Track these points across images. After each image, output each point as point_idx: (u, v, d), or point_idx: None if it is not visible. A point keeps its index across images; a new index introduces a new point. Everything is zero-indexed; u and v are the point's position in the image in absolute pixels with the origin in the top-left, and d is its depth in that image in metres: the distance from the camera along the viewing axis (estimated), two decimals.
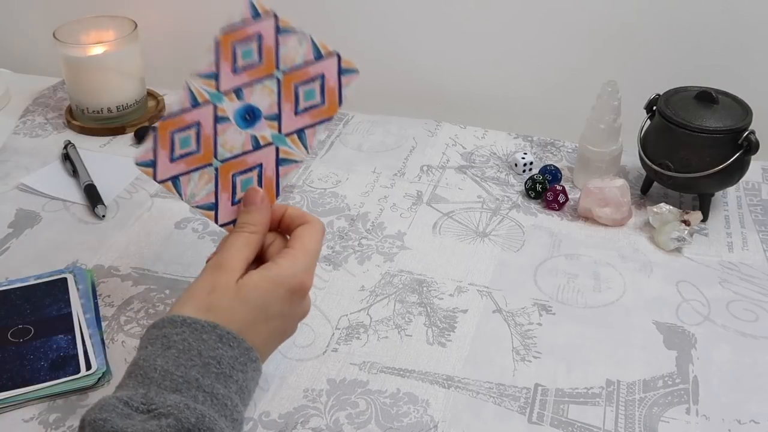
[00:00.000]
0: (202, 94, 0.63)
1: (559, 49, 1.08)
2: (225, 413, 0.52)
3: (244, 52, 0.64)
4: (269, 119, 0.63)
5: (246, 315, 0.57)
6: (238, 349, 0.55)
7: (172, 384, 0.52)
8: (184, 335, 0.54)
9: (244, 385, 0.55)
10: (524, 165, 0.95)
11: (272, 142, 0.63)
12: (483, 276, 0.79)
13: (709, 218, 0.88)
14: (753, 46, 1.01)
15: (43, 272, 0.78)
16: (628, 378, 0.68)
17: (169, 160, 0.62)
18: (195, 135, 0.63)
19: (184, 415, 0.49)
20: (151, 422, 0.48)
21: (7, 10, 1.30)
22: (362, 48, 1.16)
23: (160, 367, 0.52)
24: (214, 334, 0.54)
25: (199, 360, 0.53)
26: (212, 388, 0.52)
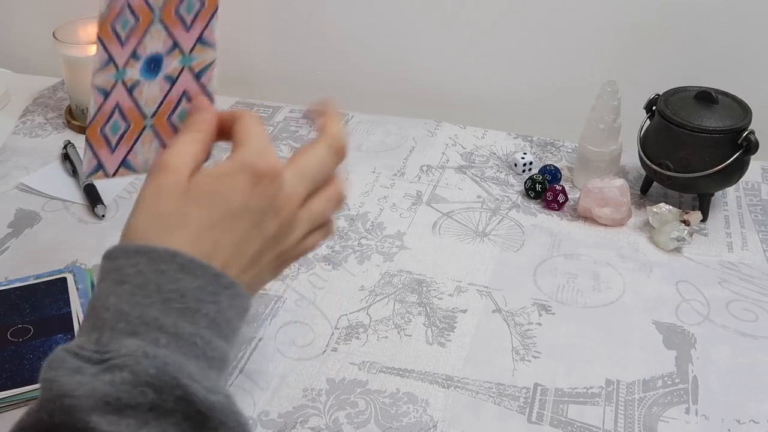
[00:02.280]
0: (108, 81, 0.62)
1: (559, 50, 1.08)
2: (195, 353, 0.44)
3: (122, 23, 0.63)
4: (170, 53, 0.61)
5: (203, 216, 0.48)
6: (204, 277, 0.46)
7: (128, 326, 0.44)
8: (138, 267, 0.45)
9: (217, 317, 0.46)
10: (524, 165, 0.95)
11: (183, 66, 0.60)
12: (483, 276, 0.79)
13: (709, 218, 0.88)
14: (753, 46, 1.01)
15: (42, 272, 0.78)
16: (627, 378, 0.68)
17: (110, 152, 0.60)
18: (120, 116, 0.61)
19: (142, 366, 0.41)
20: (103, 376, 0.41)
21: (7, 10, 1.30)
22: (362, 48, 1.16)
23: (112, 306, 0.45)
24: (173, 264, 0.46)
25: (158, 296, 0.45)
26: (175, 328, 0.44)
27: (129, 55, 0.62)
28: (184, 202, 0.48)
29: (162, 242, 0.47)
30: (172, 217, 0.48)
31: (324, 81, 1.21)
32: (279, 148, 1.02)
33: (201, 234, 0.48)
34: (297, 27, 1.17)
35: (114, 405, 0.41)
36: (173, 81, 0.60)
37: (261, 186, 0.49)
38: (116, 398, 0.41)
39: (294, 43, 1.19)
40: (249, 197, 0.49)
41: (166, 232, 0.47)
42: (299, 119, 1.08)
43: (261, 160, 0.50)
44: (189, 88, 0.59)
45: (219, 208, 0.48)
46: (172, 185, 0.49)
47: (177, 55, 0.61)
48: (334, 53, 1.18)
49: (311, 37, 1.18)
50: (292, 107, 1.11)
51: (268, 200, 0.50)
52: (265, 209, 0.50)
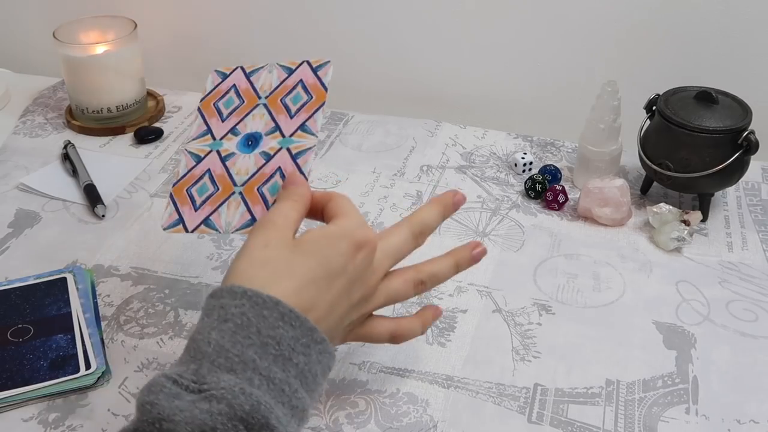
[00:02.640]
0: (202, 149, 0.66)
1: (559, 49, 1.08)
2: (282, 399, 0.47)
3: (225, 102, 0.68)
4: (270, 134, 0.65)
5: (306, 270, 0.52)
6: (300, 329, 0.50)
7: (227, 362, 0.47)
8: (242, 308, 0.49)
9: (305, 369, 0.49)
10: (524, 165, 0.95)
11: (281, 147, 0.64)
12: (483, 276, 0.79)
13: (709, 218, 0.88)
14: (753, 46, 1.01)
15: (42, 272, 0.78)
16: (627, 378, 0.68)
17: (193, 210, 0.64)
18: (209, 180, 0.64)
19: (239, 401, 0.44)
20: (201, 405, 0.44)
21: (7, 10, 1.30)
22: (362, 48, 1.16)
23: (214, 341, 0.48)
24: (275, 311, 0.49)
25: (258, 339, 0.48)
26: (269, 371, 0.47)
27: (228, 130, 0.66)
28: (291, 255, 0.53)
29: (267, 289, 0.50)
30: (278, 267, 0.52)
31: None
32: None
33: (303, 287, 0.52)
34: (297, 27, 1.17)
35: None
36: (269, 157, 0.63)
37: (359, 254, 0.54)
38: (212, 428, 0.43)
39: (294, 42, 1.19)
40: (348, 262, 0.53)
41: (271, 280, 0.51)
42: None
43: (361, 231, 0.55)
44: (284, 166, 0.62)
45: (322, 266, 0.53)
46: (280, 239, 0.53)
47: (277, 136, 0.64)
48: (334, 53, 1.17)
49: (311, 37, 1.18)
50: None
51: (362, 269, 0.55)
52: (358, 276, 0.55)
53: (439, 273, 0.61)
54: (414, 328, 0.62)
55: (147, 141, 1.03)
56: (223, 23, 1.20)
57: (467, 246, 0.62)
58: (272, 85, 0.67)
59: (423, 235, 0.60)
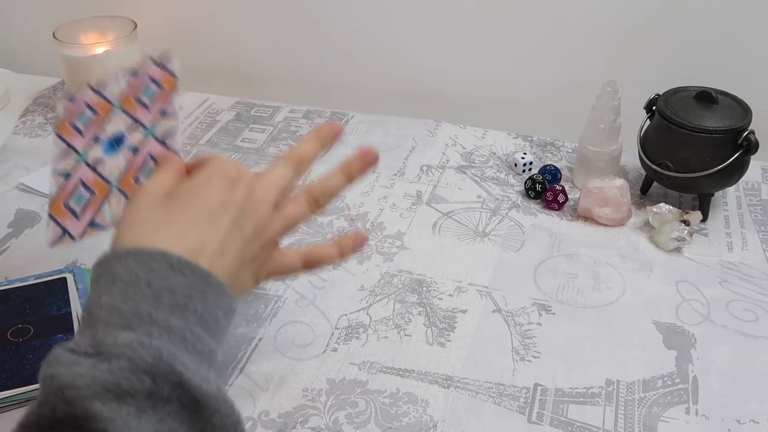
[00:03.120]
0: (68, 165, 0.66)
1: (558, 49, 1.08)
2: (186, 346, 0.46)
3: (80, 119, 0.68)
4: (133, 129, 0.65)
5: (185, 214, 0.51)
6: (192, 276, 0.48)
7: (121, 320, 0.46)
8: (129, 266, 0.47)
9: (205, 314, 0.48)
10: (524, 165, 0.95)
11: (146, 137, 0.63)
12: (483, 276, 0.79)
13: (709, 218, 0.88)
14: (753, 46, 1.01)
15: (42, 272, 0.78)
16: (627, 378, 0.68)
17: (75, 219, 0.63)
18: (83, 188, 0.64)
19: (139, 354, 0.43)
20: (101, 366, 0.43)
21: (7, 10, 1.30)
22: (362, 48, 1.16)
23: (105, 303, 0.46)
24: (163, 262, 0.48)
25: (149, 291, 0.47)
26: (167, 322, 0.46)
27: (90, 140, 0.66)
28: (165, 206, 0.52)
29: (149, 243, 0.49)
30: (155, 221, 0.51)
31: (324, 81, 1.21)
32: (278, 148, 1.02)
33: (186, 232, 0.50)
34: (297, 27, 1.17)
35: (114, 392, 0.42)
36: (136, 150, 0.63)
37: (236, 187, 0.53)
38: (115, 385, 0.42)
39: (294, 43, 1.19)
40: (226, 196, 0.53)
41: (151, 234, 0.50)
42: (299, 119, 1.08)
43: (233, 166, 0.55)
44: (154, 151, 0.62)
45: (200, 206, 0.52)
46: (151, 199, 0.53)
47: (139, 129, 0.64)
48: (334, 53, 1.18)
49: (311, 37, 1.18)
50: (292, 107, 1.11)
51: (243, 201, 0.53)
52: (242, 209, 0.53)
53: (331, 187, 0.59)
54: (329, 253, 0.61)
55: None
56: (223, 23, 1.20)
57: (357, 154, 0.60)
58: (122, 91, 0.67)
59: (302, 164, 0.59)
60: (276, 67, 1.22)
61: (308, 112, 1.10)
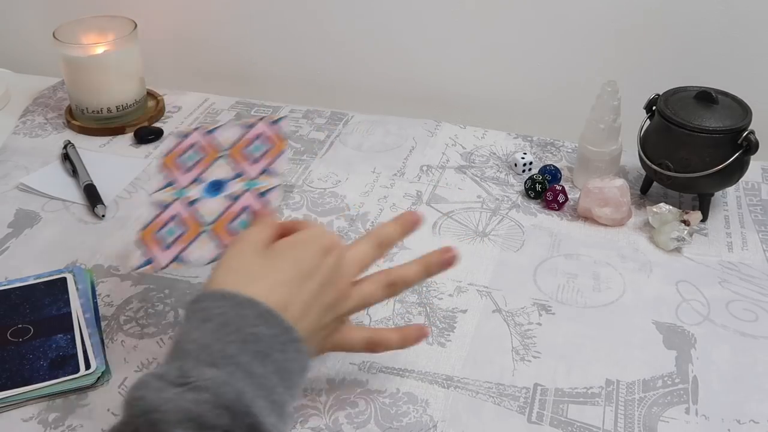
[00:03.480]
0: (167, 198, 0.68)
1: (558, 49, 1.08)
2: (262, 393, 0.49)
3: (187, 157, 0.70)
4: (235, 179, 0.67)
5: (279, 271, 0.55)
6: (278, 327, 0.52)
7: (210, 358, 0.49)
8: (222, 309, 0.51)
9: (283, 366, 0.51)
10: (524, 165, 0.95)
11: (247, 188, 0.66)
12: (482, 276, 0.79)
13: (709, 218, 0.88)
14: (753, 46, 1.01)
15: (42, 272, 0.78)
16: (627, 378, 0.68)
17: (162, 250, 0.65)
18: (177, 222, 0.66)
19: (222, 390, 0.46)
20: (187, 395, 0.46)
21: (7, 10, 1.30)
22: (363, 48, 1.16)
23: (196, 340, 0.50)
24: (254, 310, 0.51)
25: (238, 336, 0.50)
26: (250, 366, 0.49)
27: (191, 180, 0.69)
28: (263, 260, 0.55)
29: (243, 290, 0.53)
30: (252, 271, 0.55)
31: (324, 81, 1.21)
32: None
33: (276, 287, 0.54)
34: (297, 27, 1.17)
35: (195, 421, 0.45)
36: (236, 198, 0.66)
37: (328, 257, 0.57)
38: (198, 415, 0.45)
39: (294, 43, 1.19)
40: (318, 264, 0.56)
41: (246, 283, 0.53)
42: (299, 119, 1.08)
43: (329, 236, 0.58)
44: (251, 204, 0.65)
45: (294, 267, 0.55)
46: (251, 249, 0.56)
47: (242, 180, 0.67)
48: (334, 53, 1.18)
49: (311, 37, 1.18)
50: (292, 107, 1.11)
51: (331, 271, 0.57)
52: (328, 278, 0.57)
53: (408, 276, 0.62)
54: (390, 339, 0.63)
55: (147, 141, 1.03)
56: (223, 23, 1.20)
57: (438, 251, 0.63)
58: (233, 139, 0.70)
59: (385, 246, 0.63)
60: (276, 67, 1.22)
61: (308, 112, 1.10)
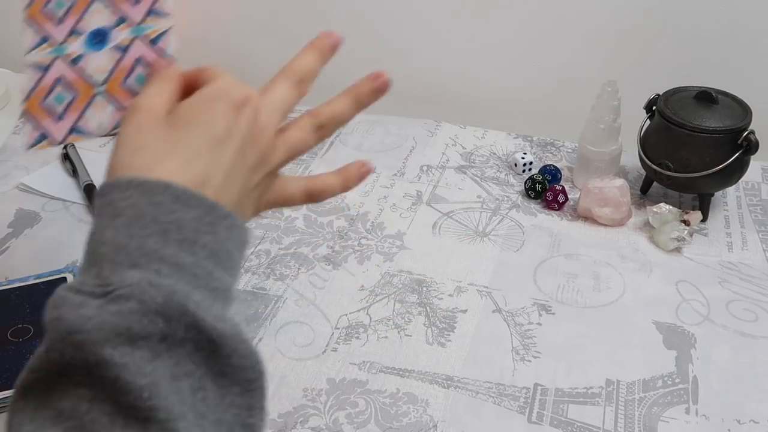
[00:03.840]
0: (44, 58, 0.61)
1: (559, 49, 1.08)
2: (198, 284, 0.43)
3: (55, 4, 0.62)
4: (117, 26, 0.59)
5: (188, 142, 0.47)
6: (199, 207, 0.45)
7: (128, 258, 0.42)
8: (132, 199, 0.44)
9: (216, 247, 0.45)
10: (524, 165, 0.95)
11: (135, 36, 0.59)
12: (483, 276, 0.79)
13: (709, 218, 0.88)
14: (753, 46, 1.01)
15: (42, 272, 0.78)
16: (627, 378, 0.68)
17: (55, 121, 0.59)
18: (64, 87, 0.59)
19: (149, 295, 0.40)
20: (109, 307, 0.40)
21: (7, 10, 1.30)
22: (362, 48, 1.16)
23: (109, 239, 0.43)
24: (168, 195, 0.45)
25: (156, 227, 0.44)
26: (176, 258, 0.43)
27: (67, 33, 0.60)
28: (167, 131, 0.48)
29: (151, 173, 0.46)
30: (158, 147, 0.47)
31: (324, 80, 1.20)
32: None
33: (190, 161, 0.47)
34: (297, 27, 1.17)
35: (125, 336, 0.39)
36: (124, 50, 0.58)
37: (242, 113, 0.49)
38: (127, 328, 0.40)
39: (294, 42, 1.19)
40: (231, 123, 0.48)
41: (154, 163, 0.46)
42: None
43: (237, 89, 0.50)
44: (144, 55, 0.57)
45: (204, 134, 0.48)
46: (152, 119, 0.48)
47: (125, 27, 0.59)
48: None
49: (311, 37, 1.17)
50: None
51: (249, 127, 0.49)
52: (248, 136, 0.49)
53: (338, 113, 0.55)
54: (331, 183, 0.57)
55: None
56: (223, 23, 1.20)
57: (367, 77, 0.56)
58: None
59: (304, 82, 0.55)
60: (276, 67, 1.21)
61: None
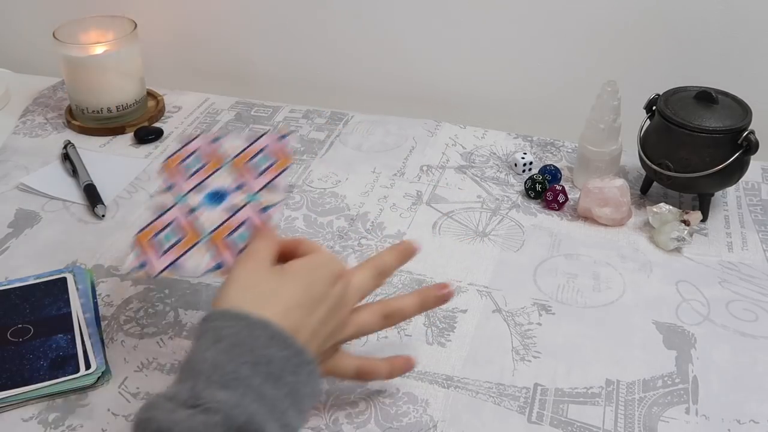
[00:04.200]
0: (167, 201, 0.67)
1: (559, 49, 1.08)
2: (274, 416, 0.49)
3: (189, 163, 0.69)
4: (236, 191, 0.66)
5: (291, 294, 0.54)
6: (290, 349, 0.51)
7: (222, 378, 0.48)
8: (235, 329, 0.51)
9: (295, 389, 0.51)
10: (524, 165, 0.95)
11: (248, 201, 0.65)
12: (483, 276, 0.79)
13: (709, 218, 0.88)
14: (753, 46, 1.01)
15: (42, 272, 0.78)
16: (627, 378, 0.68)
17: (158, 256, 0.64)
18: (175, 228, 0.65)
19: (234, 413, 0.46)
20: (198, 417, 0.46)
21: (7, 10, 1.30)
22: (362, 48, 1.16)
23: (209, 359, 0.49)
24: (266, 331, 0.51)
25: (251, 357, 0.50)
26: (262, 389, 0.49)
27: (192, 187, 0.68)
28: (276, 280, 0.55)
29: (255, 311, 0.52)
30: (264, 290, 0.54)
31: (324, 81, 1.21)
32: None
33: (290, 310, 0.54)
34: (297, 27, 1.17)
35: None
36: (236, 210, 0.65)
37: (337, 285, 0.57)
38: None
39: (294, 42, 1.19)
40: (328, 291, 0.56)
41: (258, 303, 0.53)
42: (299, 119, 1.08)
43: (337, 263, 0.58)
44: (251, 218, 0.63)
45: (306, 292, 0.55)
46: (263, 267, 0.56)
47: (243, 193, 0.66)
48: (334, 53, 1.18)
49: (311, 37, 1.18)
50: (292, 107, 1.11)
51: (339, 298, 0.57)
52: (336, 306, 0.57)
53: (405, 309, 0.62)
54: (379, 370, 0.63)
55: (147, 141, 1.03)
56: (223, 23, 1.20)
57: (436, 286, 0.63)
58: (237, 149, 0.69)
59: (384, 275, 0.63)
60: (276, 67, 1.22)
61: (308, 112, 1.10)
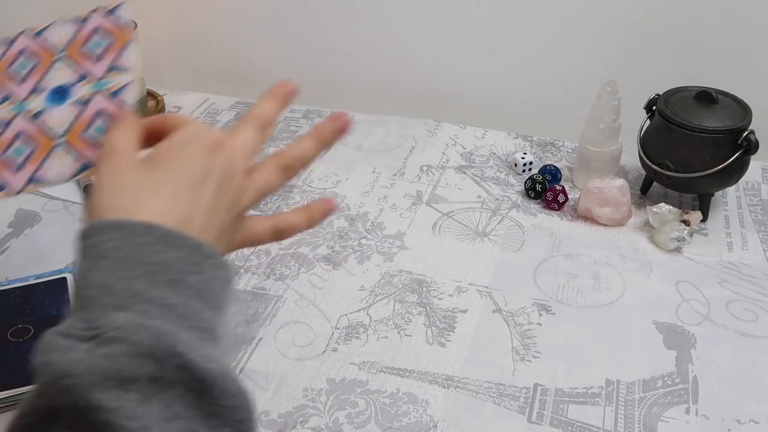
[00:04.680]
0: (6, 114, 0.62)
1: (559, 49, 1.08)
2: (186, 324, 0.43)
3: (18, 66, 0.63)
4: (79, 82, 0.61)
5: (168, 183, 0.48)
6: (184, 248, 0.45)
7: (115, 300, 0.43)
8: (116, 241, 0.44)
9: (203, 287, 0.45)
10: (524, 165, 0.95)
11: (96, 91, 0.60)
12: (483, 276, 0.79)
13: (709, 218, 0.88)
14: (753, 46, 1.01)
15: (42, 272, 0.78)
16: (627, 378, 0.68)
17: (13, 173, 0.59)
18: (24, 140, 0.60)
19: (138, 337, 0.40)
20: (98, 350, 0.40)
21: (6, 11, 1.30)
22: (363, 48, 1.16)
23: (96, 282, 0.43)
24: (152, 236, 0.45)
25: (141, 268, 0.44)
26: (163, 299, 0.43)
27: (29, 91, 0.62)
28: (146, 173, 0.48)
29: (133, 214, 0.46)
30: (138, 189, 0.48)
31: (324, 81, 1.21)
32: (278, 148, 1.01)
33: (172, 202, 0.47)
34: (297, 27, 1.17)
35: (115, 379, 0.39)
36: (85, 103, 0.59)
37: (216, 154, 0.50)
38: (116, 371, 0.39)
39: (294, 42, 1.19)
40: (207, 164, 0.50)
41: (135, 204, 0.47)
42: (299, 119, 1.08)
43: (208, 133, 0.51)
44: (105, 107, 0.58)
45: (184, 175, 0.49)
46: (127, 161, 0.49)
47: (87, 83, 0.60)
48: (334, 53, 1.18)
49: (311, 37, 1.18)
50: (292, 107, 1.11)
51: (224, 168, 0.50)
52: (221, 177, 0.50)
53: (303, 154, 0.56)
54: (297, 221, 0.58)
55: None
56: (223, 23, 1.20)
57: (329, 118, 0.57)
58: (67, 38, 0.63)
59: (267, 126, 0.56)
60: (276, 67, 1.22)
61: (308, 112, 1.10)
